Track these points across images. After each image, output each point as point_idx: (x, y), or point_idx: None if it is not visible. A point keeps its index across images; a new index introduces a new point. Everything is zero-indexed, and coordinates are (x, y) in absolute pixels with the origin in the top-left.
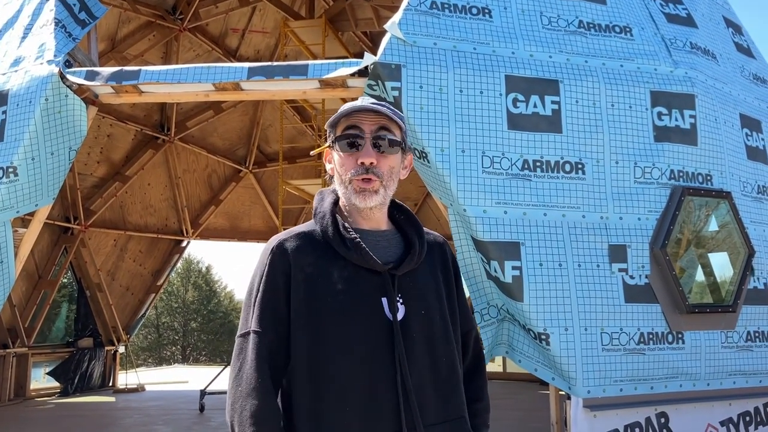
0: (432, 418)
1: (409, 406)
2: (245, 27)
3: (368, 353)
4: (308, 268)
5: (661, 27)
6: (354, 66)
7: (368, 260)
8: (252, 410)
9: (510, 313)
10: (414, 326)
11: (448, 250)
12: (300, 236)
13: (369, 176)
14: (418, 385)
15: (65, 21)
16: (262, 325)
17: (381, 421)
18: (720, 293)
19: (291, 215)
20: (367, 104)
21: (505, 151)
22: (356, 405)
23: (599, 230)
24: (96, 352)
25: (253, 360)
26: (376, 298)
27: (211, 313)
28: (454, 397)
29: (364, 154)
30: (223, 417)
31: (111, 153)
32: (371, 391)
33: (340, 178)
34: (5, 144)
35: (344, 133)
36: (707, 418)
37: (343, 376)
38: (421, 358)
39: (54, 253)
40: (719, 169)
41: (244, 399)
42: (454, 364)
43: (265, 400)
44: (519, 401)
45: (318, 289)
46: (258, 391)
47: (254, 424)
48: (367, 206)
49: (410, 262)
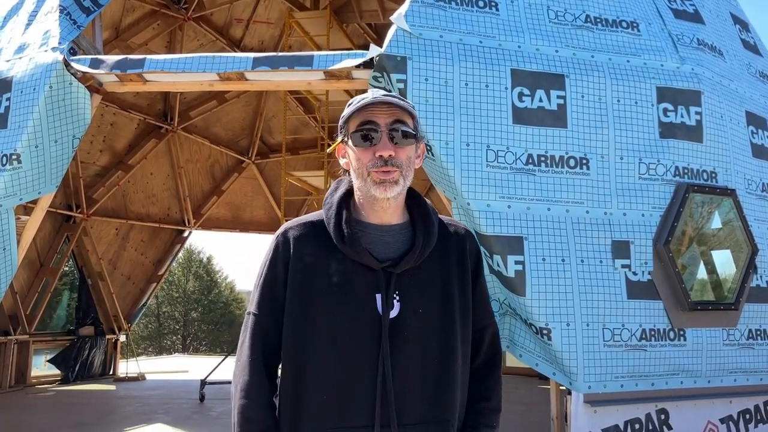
0: (412, 417)
1: (386, 402)
2: (250, 17)
3: (354, 347)
4: (307, 258)
5: (669, 23)
6: (359, 57)
7: (363, 257)
8: (243, 384)
9: (512, 307)
10: (408, 324)
11: (468, 243)
12: (306, 225)
13: (388, 168)
14: (404, 383)
15: (70, 8)
16: (259, 308)
17: (355, 415)
18: (722, 291)
19: (293, 206)
20: (380, 97)
21: (510, 145)
22: (333, 394)
23: (603, 226)
24: (97, 340)
25: (248, 339)
26: (370, 294)
27: (212, 303)
28: (444, 398)
29: (382, 147)
30: (223, 407)
31: (114, 142)
32: (350, 384)
33: (358, 172)
34: (9, 131)
35: (360, 127)
36: (707, 416)
37: (323, 365)
38: (412, 356)
39: (56, 241)
40: (724, 167)
41: (239, 373)
42: (450, 365)
43: (254, 376)
44: (519, 396)
45: (314, 279)
46: (249, 367)
47: (244, 397)
48: (387, 197)
49: (409, 261)
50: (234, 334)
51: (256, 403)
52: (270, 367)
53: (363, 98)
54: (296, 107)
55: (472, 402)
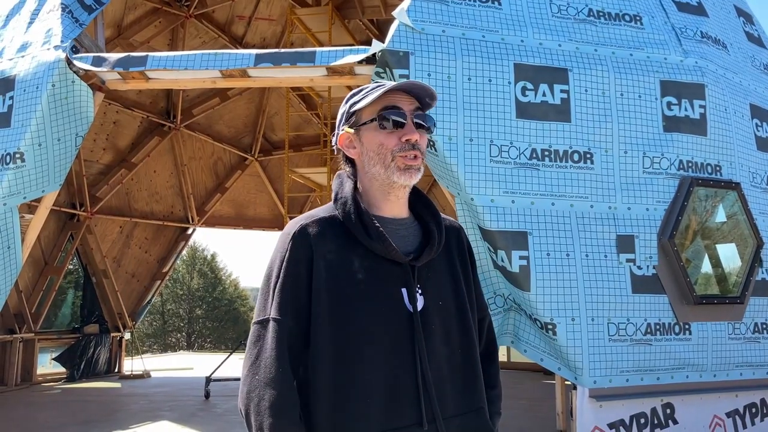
0: (451, 409)
1: (429, 398)
2: (251, 14)
3: (390, 344)
4: (330, 255)
5: (672, 16)
6: (362, 53)
7: (391, 251)
8: (271, 400)
9: (516, 302)
10: (433, 317)
11: (464, 236)
12: (321, 222)
13: (416, 152)
14: (438, 377)
15: (72, 6)
16: (281, 313)
17: (403, 413)
18: (727, 284)
19: (296, 203)
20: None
21: (514, 140)
22: (379, 396)
23: (607, 220)
24: (102, 338)
25: (273, 348)
26: (396, 289)
27: (216, 301)
28: (472, 387)
29: (409, 131)
30: (228, 404)
31: (117, 140)
32: (394, 382)
33: (379, 157)
34: (12, 130)
35: (385, 111)
36: (713, 410)
37: (367, 367)
38: (439, 349)
39: (60, 239)
40: (728, 160)
41: (262, 388)
42: (470, 355)
43: (284, 391)
44: (523, 391)
45: (339, 277)
46: (277, 381)
47: (273, 415)
48: (410, 183)
49: (429, 253)
50: (239, 331)
51: (288, 421)
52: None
53: (378, 85)
54: (298, 104)
55: None
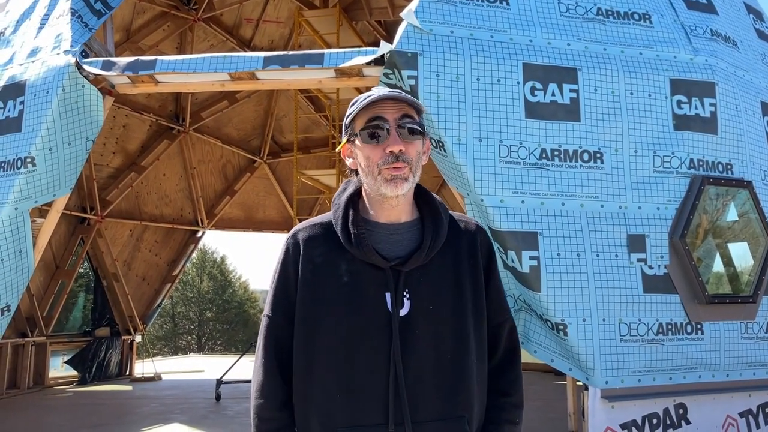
0: (427, 414)
1: (399, 401)
2: (259, 17)
3: (365, 346)
4: (317, 259)
5: (681, 14)
6: (370, 55)
7: (370, 256)
8: (258, 384)
9: (527, 303)
10: (419, 322)
11: (480, 238)
12: (316, 227)
13: (399, 164)
14: (417, 380)
15: (81, 11)
16: (272, 310)
17: (367, 412)
18: (740, 283)
19: (305, 205)
20: (386, 93)
21: (523, 140)
22: (344, 394)
23: (618, 220)
24: (113, 341)
25: (263, 340)
26: (379, 293)
27: (226, 303)
28: (459, 395)
29: (392, 143)
30: (239, 406)
31: (126, 143)
32: (361, 382)
33: (368, 170)
34: (23, 134)
35: (369, 124)
36: (726, 410)
37: (334, 365)
38: (425, 354)
39: (71, 243)
40: (740, 158)
41: (255, 374)
42: (464, 362)
43: (267, 377)
44: (534, 392)
45: (324, 280)
46: (263, 368)
47: (258, 397)
48: (398, 194)
49: (418, 258)
50: (249, 333)
51: (269, 403)
52: (285, 368)
53: (368, 95)
54: (307, 106)
55: (493, 398)
